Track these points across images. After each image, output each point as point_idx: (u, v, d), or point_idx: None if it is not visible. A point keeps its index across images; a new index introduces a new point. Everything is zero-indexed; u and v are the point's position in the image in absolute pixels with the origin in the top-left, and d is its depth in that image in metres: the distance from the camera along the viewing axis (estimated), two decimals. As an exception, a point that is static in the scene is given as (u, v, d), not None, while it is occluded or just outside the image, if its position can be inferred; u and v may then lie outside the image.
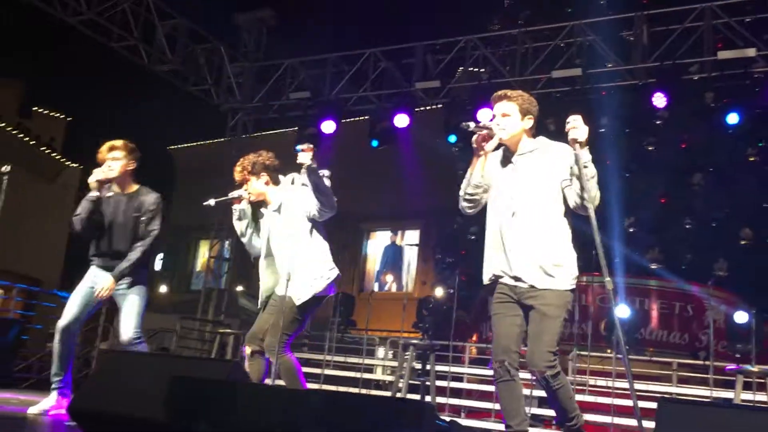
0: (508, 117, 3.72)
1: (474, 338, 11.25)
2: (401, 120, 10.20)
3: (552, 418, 6.94)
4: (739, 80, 9.19)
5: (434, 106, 11.89)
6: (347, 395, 3.17)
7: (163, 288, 19.47)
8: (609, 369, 7.62)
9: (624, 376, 6.58)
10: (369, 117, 11.44)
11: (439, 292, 11.28)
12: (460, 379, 8.89)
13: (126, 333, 4.64)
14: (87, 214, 4.67)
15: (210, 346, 10.60)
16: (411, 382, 6.89)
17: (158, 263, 19.67)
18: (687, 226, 10.59)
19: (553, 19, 10.47)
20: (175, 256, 19.56)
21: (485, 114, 8.32)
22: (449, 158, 11.48)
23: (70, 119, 18.36)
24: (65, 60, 15.88)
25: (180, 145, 20.65)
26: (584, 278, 9.24)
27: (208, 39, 11.84)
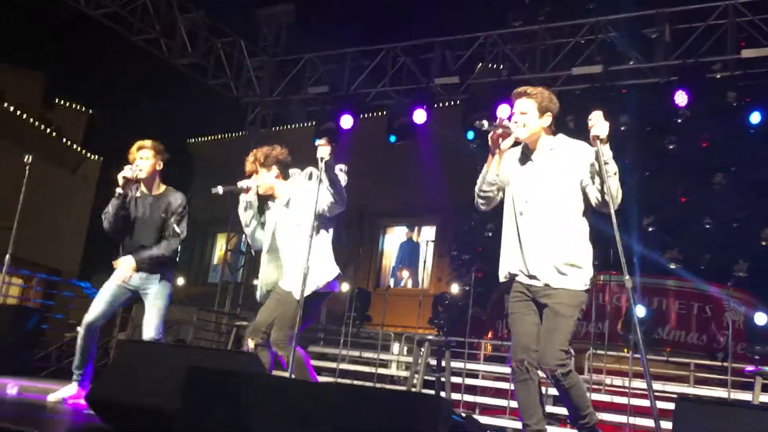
0: (526, 114, 3.69)
1: (489, 335, 11.22)
2: (419, 116, 10.15)
3: (567, 417, 6.92)
4: (763, 79, 9.06)
5: (453, 103, 11.85)
6: (364, 388, 3.18)
7: (181, 280, 19.59)
8: (626, 369, 7.57)
9: (641, 376, 6.54)
10: (387, 112, 11.42)
11: (455, 289, 11.25)
12: (476, 376, 8.89)
13: (149, 333, 4.79)
14: (114, 210, 4.77)
15: (226, 338, 10.69)
16: (426, 378, 6.88)
17: (176, 255, 19.79)
18: (707, 226, 10.46)
19: (575, 16, 10.38)
20: (193, 249, 19.69)
21: (504, 110, 8.27)
22: (467, 155, 11.43)
23: (91, 111, 18.50)
24: (87, 53, 15.99)
25: (199, 139, 20.75)
26: (601, 277, 9.19)
27: (228, 33, 11.89)
